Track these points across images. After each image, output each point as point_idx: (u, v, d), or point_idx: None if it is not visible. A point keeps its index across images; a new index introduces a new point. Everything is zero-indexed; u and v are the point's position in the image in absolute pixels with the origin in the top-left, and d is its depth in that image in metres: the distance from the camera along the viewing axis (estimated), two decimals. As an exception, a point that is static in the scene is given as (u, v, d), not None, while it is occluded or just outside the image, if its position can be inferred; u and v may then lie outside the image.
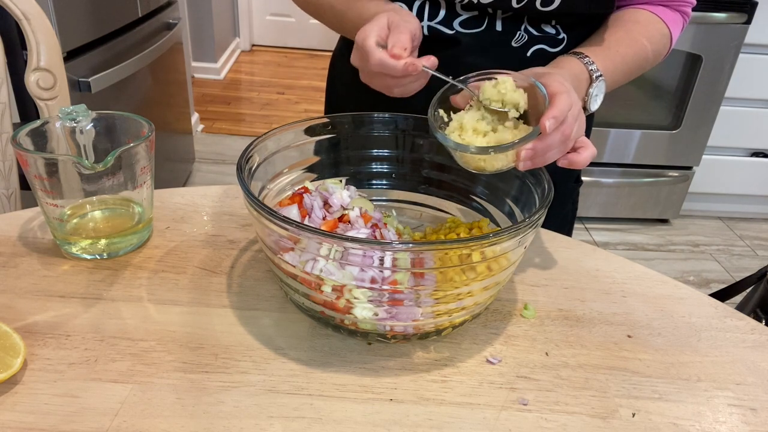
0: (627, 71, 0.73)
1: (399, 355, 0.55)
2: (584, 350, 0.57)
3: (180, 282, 0.62)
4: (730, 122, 2.28)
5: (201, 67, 3.51)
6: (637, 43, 0.73)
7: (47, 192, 0.60)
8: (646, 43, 0.73)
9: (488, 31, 0.72)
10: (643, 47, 0.73)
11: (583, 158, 0.59)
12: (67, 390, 0.48)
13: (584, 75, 0.67)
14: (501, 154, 0.56)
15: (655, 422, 0.50)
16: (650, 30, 0.74)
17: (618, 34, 0.73)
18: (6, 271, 0.61)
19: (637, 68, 0.74)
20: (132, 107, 1.77)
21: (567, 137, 0.57)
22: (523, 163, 0.56)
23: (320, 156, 0.68)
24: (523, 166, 0.57)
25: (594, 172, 2.32)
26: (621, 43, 0.72)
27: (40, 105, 0.90)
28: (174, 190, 0.78)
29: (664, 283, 0.68)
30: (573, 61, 0.68)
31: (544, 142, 0.55)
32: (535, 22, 0.73)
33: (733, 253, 2.33)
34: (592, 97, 0.68)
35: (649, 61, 0.75)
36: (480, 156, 0.57)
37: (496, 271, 0.52)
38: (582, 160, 0.59)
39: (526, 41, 0.73)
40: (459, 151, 0.58)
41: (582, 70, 0.67)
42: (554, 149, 0.56)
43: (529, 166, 0.57)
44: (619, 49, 0.71)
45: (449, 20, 0.72)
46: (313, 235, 0.48)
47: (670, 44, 0.77)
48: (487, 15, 0.72)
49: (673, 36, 0.77)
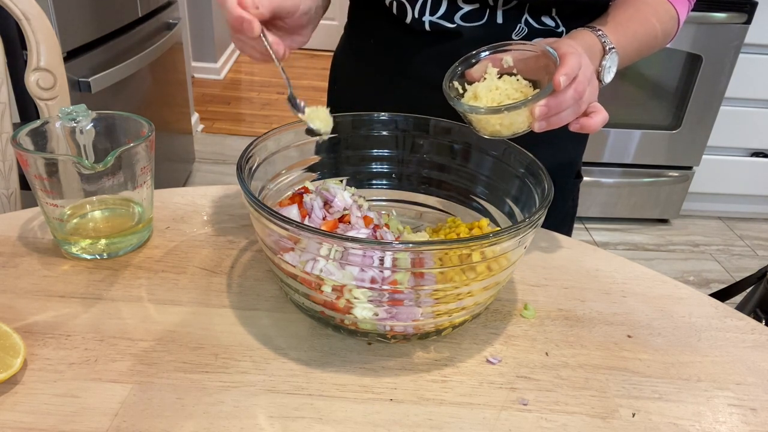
0: (638, 48, 0.74)
1: (399, 355, 0.55)
2: (584, 350, 0.57)
3: (180, 282, 0.62)
4: (730, 122, 2.28)
5: (201, 67, 3.51)
6: (647, 21, 0.74)
7: (47, 192, 0.60)
8: (656, 23, 0.74)
9: (489, 24, 0.73)
10: (653, 26, 0.74)
11: (594, 122, 0.59)
12: (67, 390, 0.48)
13: (597, 47, 0.68)
14: (515, 114, 0.56)
15: (655, 422, 0.50)
16: (659, 10, 0.75)
17: (628, 12, 0.73)
18: (6, 271, 0.61)
19: (647, 47, 0.75)
20: (132, 107, 1.77)
21: (580, 96, 0.57)
22: (539, 123, 0.57)
23: (320, 156, 0.68)
24: (539, 126, 0.57)
25: (594, 172, 2.32)
26: (632, 21, 0.72)
27: (40, 105, 0.90)
28: (174, 190, 0.78)
29: (664, 283, 0.68)
30: (586, 33, 0.68)
31: (558, 98, 0.55)
32: (536, 13, 0.73)
33: (733, 253, 2.33)
34: (605, 69, 0.68)
35: (659, 40, 0.76)
36: (495, 118, 0.57)
37: (496, 271, 0.52)
38: (593, 123, 0.59)
39: (526, 34, 0.73)
40: (472, 114, 0.58)
41: (595, 41, 0.68)
42: (568, 108, 0.57)
43: (544, 126, 0.57)
44: (630, 26, 0.72)
45: (451, 14, 0.72)
46: (313, 235, 0.48)
47: (677, 26, 0.78)
48: (488, 7, 0.72)
49: (680, 18, 0.77)
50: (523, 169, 0.61)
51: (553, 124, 0.58)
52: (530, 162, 0.61)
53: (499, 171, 0.65)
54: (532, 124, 0.57)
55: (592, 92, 0.60)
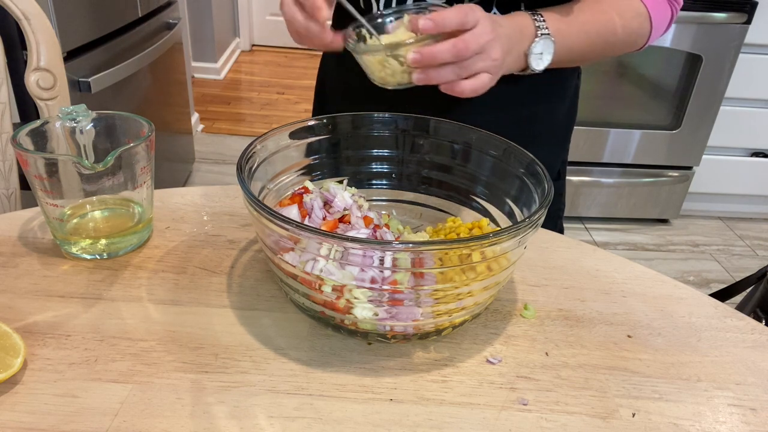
0: (589, 41, 0.71)
1: (399, 355, 0.55)
2: (584, 350, 0.57)
3: (180, 282, 0.62)
4: (730, 122, 2.28)
5: (201, 67, 3.51)
6: (603, 14, 0.71)
7: (47, 192, 0.60)
8: (615, 17, 0.71)
9: None
10: (610, 19, 0.71)
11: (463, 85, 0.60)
12: (67, 390, 0.48)
13: (529, 30, 0.66)
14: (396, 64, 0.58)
15: (655, 422, 0.50)
16: (621, 5, 0.72)
17: (582, 3, 0.71)
18: (6, 271, 0.61)
19: (602, 41, 0.72)
20: (132, 107, 1.77)
21: (461, 54, 0.57)
22: (417, 75, 0.58)
23: (320, 156, 0.68)
24: (417, 78, 0.58)
25: (594, 172, 2.32)
26: (583, 11, 0.70)
27: (40, 105, 0.90)
28: (174, 190, 0.78)
29: (664, 283, 0.68)
30: (523, 15, 0.67)
31: (432, 49, 0.56)
32: (504, 6, 0.72)
33: (733, 253, 2.33)
34: (533, 54, 0.66)
35: (619, 36, 0.73)
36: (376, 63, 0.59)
37: (496, 271, 0.52)
38: (461, 85, 0.60)
39: None
40: (357, 54, 0.60)
41: (528, 24, 0.66)
42: (445, 64, 0.58)
43: (423, 79, 0.58)
44: (579, 15, 0.69)
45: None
46: (313, 235, 0.48)
47: (650, 26, 0.75)
48: (454, 1, 0.70)
49: (653, 17, 0.74)
50: (523, 169, 0.61)
51: (431, 79, 0.58)
52: (530, 162, 0.61)
53: (499, 171, 0.65)
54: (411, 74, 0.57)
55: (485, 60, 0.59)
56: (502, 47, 0.61)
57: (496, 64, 0.61)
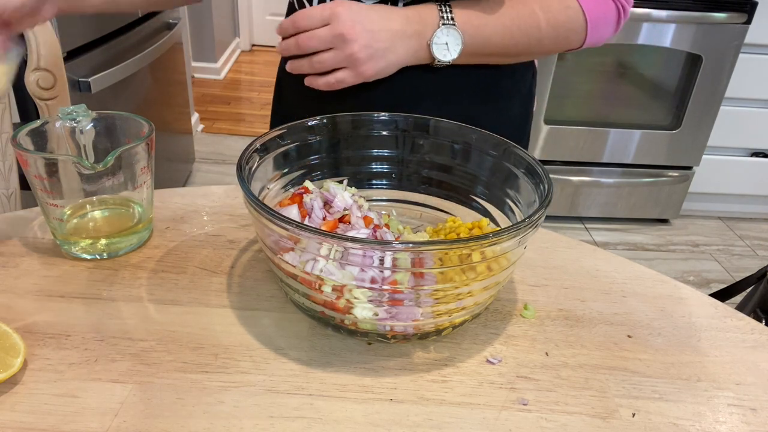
0: (506, 33, 0.69)
1: (399, 355, 0.55)
2: (584, 350, 0.57)
3: (180, 282, 0.62)
4: (730, 122, 2.28)
5: (201, 67, 3.51)
6: (524, 7, 0.69)
7: (47, 192, 0.60)
8: (536, 10, 0.70)
9: None
10: (531, 12, 0.70)
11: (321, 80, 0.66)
12: (67, 390, 0.48)
13: (432, 19, 0.65)
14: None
15: (655, 422, 0.50)
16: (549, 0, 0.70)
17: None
18: (6, 271, 0.61)
19: (523, 34, 0.70)
20: (132, 107, 1.77)
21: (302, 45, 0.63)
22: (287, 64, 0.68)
23: (320, 156, 0.68)
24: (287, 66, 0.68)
25: (594, 172, 2.32)
26: (500, 3, 0.68)
27: (40, 105, 0.90)
28: (174, 190, 0.78)
29: (664, 283, 0.68)
30: (430, 6, 0.66)
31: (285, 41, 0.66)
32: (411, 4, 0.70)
33: (733, 253, 2.33)
34: (437, 44, 0.65)
35: (544, 30, 0.71)
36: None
37: (496, 271, 0.52)
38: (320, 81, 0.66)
39: None
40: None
41: (431, 14, 0.65)
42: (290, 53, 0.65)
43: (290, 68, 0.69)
44: (495, 7, 0.68)
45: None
46: (313, 235, 0.48)
47: (584, 20, 0.72)
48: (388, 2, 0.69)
49: (587, 11, 0.72)
50: (523, 169, 0.61)
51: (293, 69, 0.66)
52: (530, 162, 0.61)
53: (499, 171, 0.65)
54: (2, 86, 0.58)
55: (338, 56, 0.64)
56: (365, 42, 0.63)
57: (352, 59, 0.64)
